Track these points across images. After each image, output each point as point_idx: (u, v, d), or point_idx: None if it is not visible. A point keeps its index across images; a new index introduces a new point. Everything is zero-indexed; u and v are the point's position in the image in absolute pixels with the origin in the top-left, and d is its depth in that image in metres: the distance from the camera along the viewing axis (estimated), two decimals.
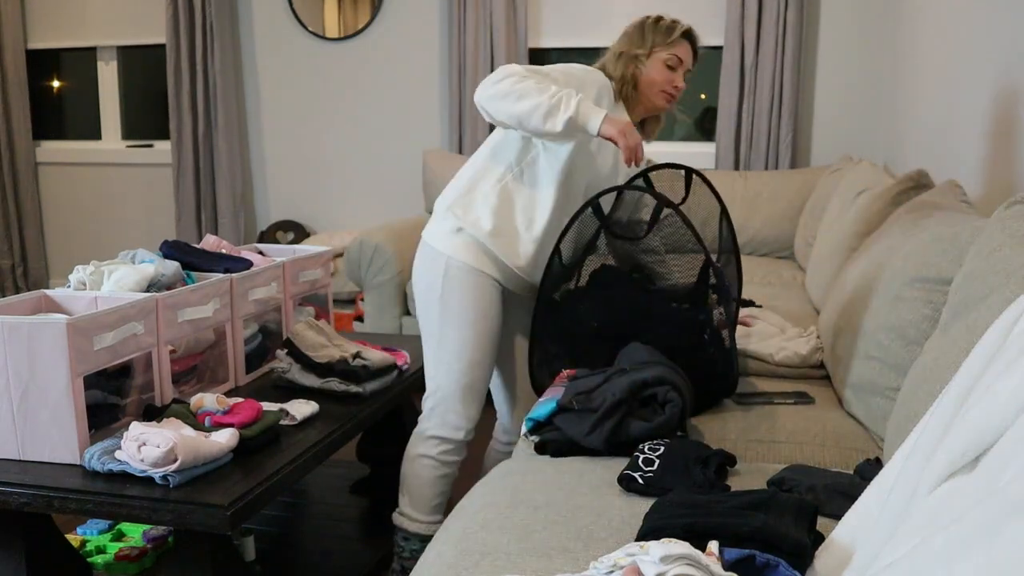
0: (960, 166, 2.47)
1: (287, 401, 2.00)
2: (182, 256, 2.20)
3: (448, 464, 2.09)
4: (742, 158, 4.11)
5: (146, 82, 5.09)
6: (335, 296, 3.78)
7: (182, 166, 4.78)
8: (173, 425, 1.70)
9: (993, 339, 0.92)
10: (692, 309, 1.92)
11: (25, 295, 1.90)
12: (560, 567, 1.17)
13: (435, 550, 1.31)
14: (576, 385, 1.67)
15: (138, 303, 1.84)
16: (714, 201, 2.04)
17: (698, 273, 1.96)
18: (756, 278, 3.47)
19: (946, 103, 2.68)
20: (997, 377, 0.82)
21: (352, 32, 4.58)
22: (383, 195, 4.70)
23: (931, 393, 1.27)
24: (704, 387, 1.80)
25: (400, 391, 2.25)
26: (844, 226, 2.57)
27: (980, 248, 1.36)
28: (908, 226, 1.89)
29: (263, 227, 4.90)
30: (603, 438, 1.57)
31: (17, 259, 5.17)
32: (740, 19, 3.99)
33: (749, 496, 1.18)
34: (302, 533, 2.39)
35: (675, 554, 0.93)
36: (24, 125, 5.06)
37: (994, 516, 0.61)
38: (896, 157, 3.53)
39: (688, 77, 2.11)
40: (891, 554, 0.77)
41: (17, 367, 1.67)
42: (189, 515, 1.52)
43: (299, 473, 1.75)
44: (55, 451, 1.69)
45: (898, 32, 3.68)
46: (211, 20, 4.57)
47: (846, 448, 1.68)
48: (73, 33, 5.01)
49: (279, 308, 2.36)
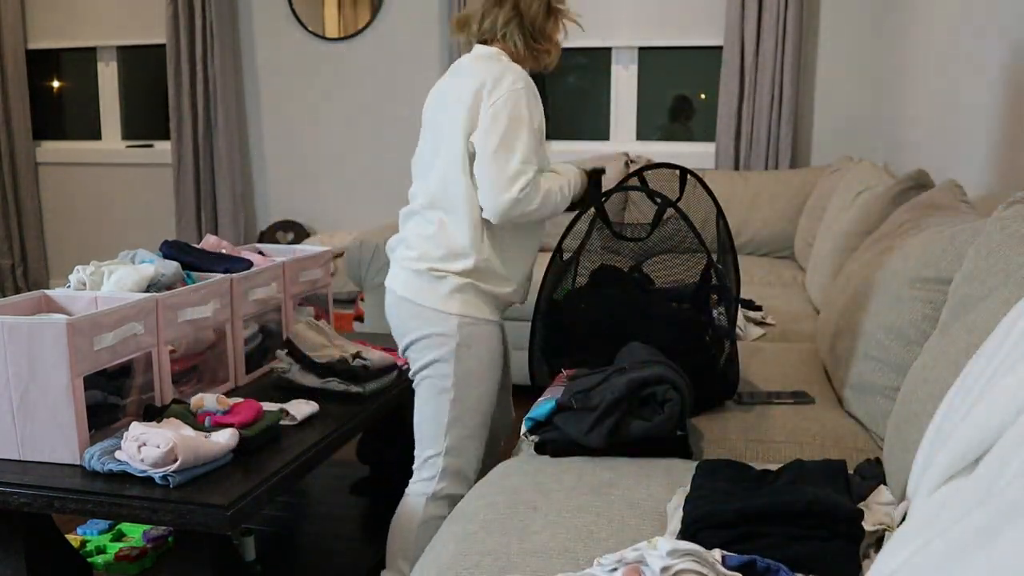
0: (960, 166, 2.47)
1: (287, 401, 2.00)
2: (182, 256, 2.20)
3: None
4: (742, 158, 4.11)
5: (146, 82, 5.09)
6: (335, 296, 3.78)
7: (182, 166, 4.78)
8: (173, 425, 1.70)
9: (994, 343, 0.92)
10: (693, 309, 1.92)
11: (25, 295, 1.90)
12: (560, 567, 1.17)
13: (435, 550, 1.31)
14: (575, 384, 1.67)
15: (138, 303, 1.84)
16: (710, 201, 2.04)
17: (700, 274, 1.97)
18: (756, 278, 3.47)
19: (946, 103, 2.68)
20: (996, 379, 0.82)
21: (352, 32, 4.58)
22: (383, 195, 4.70)
23: (931, 393, 1.27)
24: (704, 388, 1.80)
25: (400, 391, 2.25)
26: (844, 226, 2.57)
27: (980, 248, 1.36)
28: (908, 226, 1.89)
29: (263, 227, 4.90)
30: (603, 437, 1.57)
31: (17, 259, 5.17)
32: (740, 19, 3.99)
33: (779, 472, 1.17)
34: (302, 533, 2.39)
35: (682, 549, 0.93)
36: (24, 125, 5.06)
37: (993, 519, 0.61)
38: (896, 157, 3.53)
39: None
40: (892, 558, 0.76)
41: (17, 367, 1.67)
42: (189, 515, 1.52)
43: (299, 473, 1.75)
44: (55, 451, 1.69)
45: (898, 32, 3.68)
46: (211, 20, 4.57)
47: (846, 448, 1.69)
48: (73, 33, 5.01)
49: (279, 308, 2.36)
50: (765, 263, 3.70)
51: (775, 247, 3.88)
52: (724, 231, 2.02)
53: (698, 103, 4.42)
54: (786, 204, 3.83)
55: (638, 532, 1.28)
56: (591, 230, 2.05)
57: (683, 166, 2.08)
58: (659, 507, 1.35)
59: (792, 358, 2.21)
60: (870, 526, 1.14)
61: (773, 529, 1.10)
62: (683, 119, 4.47)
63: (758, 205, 3.85)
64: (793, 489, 1.12)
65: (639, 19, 4.22)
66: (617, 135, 4.49)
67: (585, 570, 1.04)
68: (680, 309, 1.94)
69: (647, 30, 4.23)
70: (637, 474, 1.49)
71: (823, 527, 1.09)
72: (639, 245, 2.05)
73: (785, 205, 3.83)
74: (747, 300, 2.88)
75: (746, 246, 3.88)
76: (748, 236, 3.86)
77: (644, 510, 1.35)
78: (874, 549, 1.14)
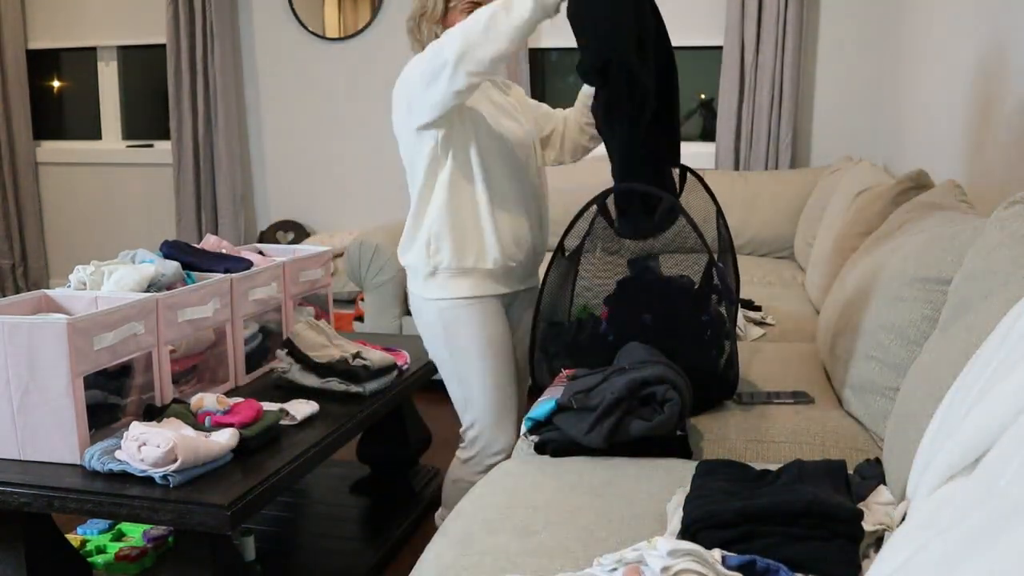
0: (960, 166, 2.47)
1: (287, 401, 2.00)
2: (182, 256, 2.20)
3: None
4: (742, 158, 4.10)
5: (146, 82, 5.09)
6: (335, 296, 3.78)
7: (182, 166, 4.78)
8: (173, 425, 1.70)
9: (994, 343, 0.92)
10: (694, 309, 1.92)
11: (25, 295, 1.90)
12: (560, 567, 1.17)
13: (435, 550, 1.31)
14: (575, 384, 1.67)
15: (138, 303, 1.84)
16: (710, 201, 2.04)
17: (701, 273, 1.96)
18: (756, 278, 3.47)
19: (946, 103, 2.68)
20: (996, 379, 0.82)
21: (352, 32, 4.58)
22: (383, 195, 4.70)
23: (931, 393, 1.27)
24: (704, 388, 1.80)
25: (400, 391, 2.25)
26: (844, 226, 2.57)
27: (980, 248, 1.36)
28: (908, 226, 1.89)
29: (263, 227, 4.90)
30: (603, 437, 1.57)
31: (17, 259, 5.17)
32: (740, 18, 3.99)
33: (779, 473, 1.17)
34: (302, 533, 2.39)
35: (682, 549, 0.93)
36: (24, 125, 5.06)
37: (993, 520, 0.61)
38: (896, 157, 3.53)
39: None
40: (892, 558, 0.76)
41: (17, 367, 1.67)
42: (189, 515, 1.52)
43: (299, 473, 1.75)
44: (55, 451, 1.69)
45: (898, 32, 3.68)
46: (211, 20, 4.57)
47: (846, 448, 1.69)
48: (73, 33, 5.01)
49: (279, 308, 2.36)
50: (765, 263, 3.70)
51: (775, 247, 3.88)
52: (724, 231, 2.02)
53: (687, 104, 4.42)
54: (786, 204, 3.83)
55: (638, 532, 1.28)
56: (591, 229, 2.05)
57: (683, 164, 2.08)
58: (659, 507, 1.35)
59: (792, 358, 2.21)
60: (870, 526, 1.14)
61: (773, 529, 1.10)
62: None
63: (758, 205, 3.85)
64: (793, 489, 1.12)
65: None
66: None
67: (585, 570, 1.04)
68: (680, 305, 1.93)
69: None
70: (637, 474, 1.49)
71: (823, 527, 1.09)
72: (639, 244, 2.05)
73: (785, 205, 3.83)
74: (747, 300, 2.88)
75: (746, 246, 3.88)
76: (748, 236, 3.86)
77: (644, 510, 1.35)
78: (874, 549, 1.14)
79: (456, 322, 2.01)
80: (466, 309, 2.00)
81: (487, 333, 2.02)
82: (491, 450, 2.07)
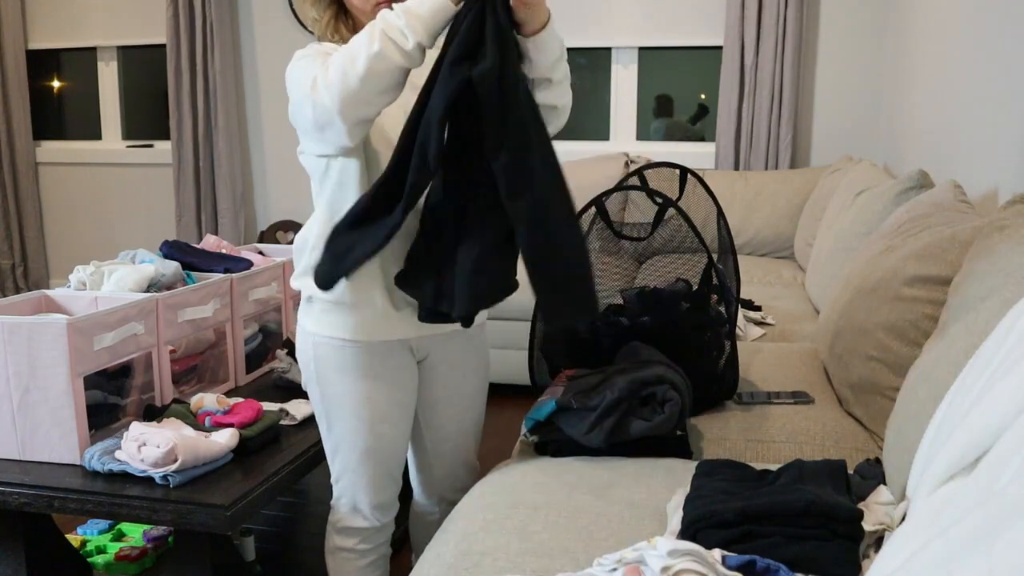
0: (960, 166, 2.47)
1: (287, 401, 2.00)
2: (182, 256, 2.20)
3: (371, 551, 1.68)
4: (742, 158, 4.11)
5: (146, 82, 5.10)
6: None
7: (182, 166, 4.78)
8: (173, 425, 1.70)
9: (993, 343, 0.92)
10: (694, 309, 1.92)
11: (25, 295, 1.90)
12: (560, 567, 1.17)
13: (435, 551, 1.31)
14: (575, 384, 1.67)
15: (138, 303, 1.84)
16: (710, 201, 2.04)
17: (701, 274, 1.96)
18: (756, 278, 3.47)
19: (946, 103, 2.68)
20: (996, 379, 0.82)
21: None
22: None
23: (931, 393, 1.27)
24: (704, 388, 1.80)
25: None
26: (844, 226, 2.57)
27: (980, 248, 1.36)
28: (908, 226, 1.89)
29: (263, 227, 4.90)
30: (603, 437, 1.57)
31: (17, 259, 5.17)
32: (740, 19, 3.99)
33: (779, 473, 1.18)
34: (302, 533, 2.39)
35: (682, 549, 0.93)
36: (24, 125, 5.06)
37: (993, 520, 0.61)
38: (896, 157, 3.53)
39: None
40: (892, 558, 0.77)
41: (17, 367, 1.67)
42: (189, 515, 1.52)
43: (299, 473, 1.75)
44: (55, 451, 1.69)
45: (898, 32, 3.68)
46: (211, 20, 4.58)
47: (846, 448, 1.69)
48: (73, 33, 5.01)
49: (279, 308, 2.36)
50: (765, 263, 3.70)
51: (775, 247, 3.88)
52: (724, 231, 2.02)
53: (678, 104, 4.42)
54: (786, 204, 3.83)
55: (638, 532, 1.28)
56: (591, 229, 2.05)
57: (683, 165, 2.08)
58: (659, 507, 1.36)
59: (792, 358, 2.21)
60: (870, 526, 1.14)
61: (773, 529, 1.10)
62: (668, 115, 4.48)
63: (758, 205, 3.85)
64: (793, 489, 1.12)
65: (639, 19, 4.22)
66: (617, 135, 4.48)
67: (585, 570, 1.04)
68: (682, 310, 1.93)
69: (647, 30, 4.23)
70: (637, 474, 1.49)
71: (823, 527, 1.09)
72: (639, 245, 2.05)
73: (785, 205, 3.83)
74: (747, 300, 2.88)
75: (746, 246, 3.88)
76: (748, 236, 3.86)
77: (644, 510, 1.35)
78: (874, 549, 1.14)
79: (327, 366, 1.56)
80: (340, 352, 1.55)
81: (365, 388, 1.55)
82: (358, 511, 1.64)
